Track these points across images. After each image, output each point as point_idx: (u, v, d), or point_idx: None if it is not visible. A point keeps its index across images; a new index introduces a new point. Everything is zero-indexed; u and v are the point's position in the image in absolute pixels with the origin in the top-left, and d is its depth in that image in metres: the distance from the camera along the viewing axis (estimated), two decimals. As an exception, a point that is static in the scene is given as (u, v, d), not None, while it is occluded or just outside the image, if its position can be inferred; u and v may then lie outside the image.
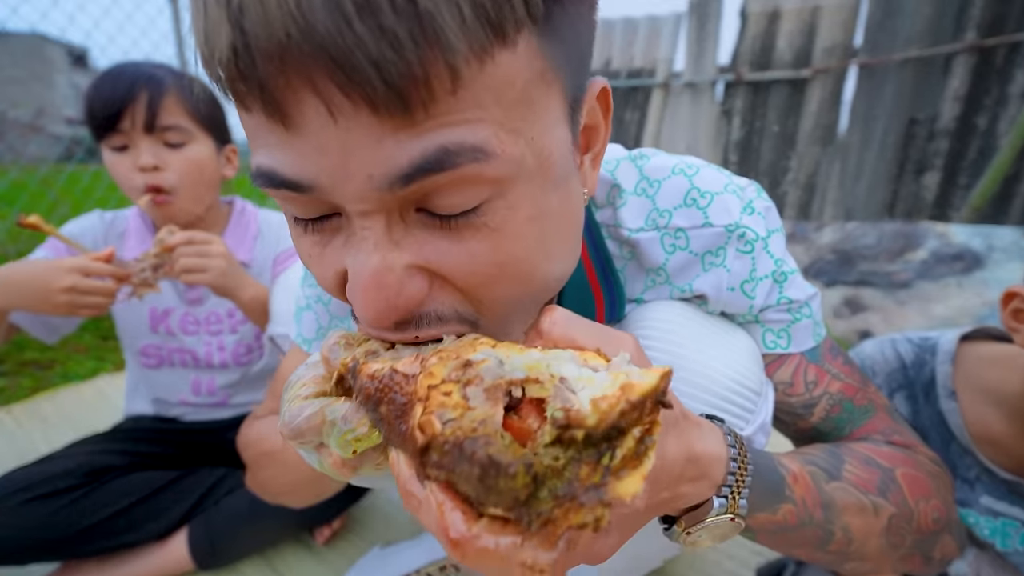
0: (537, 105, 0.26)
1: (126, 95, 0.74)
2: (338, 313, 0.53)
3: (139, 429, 0.94)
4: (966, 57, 2.35)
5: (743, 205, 0.42)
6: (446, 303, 0.28)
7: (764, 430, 0.42)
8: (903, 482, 0.40)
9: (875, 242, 2.07)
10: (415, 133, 0.23)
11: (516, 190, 0.26)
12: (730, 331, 0.45)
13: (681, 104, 3.38)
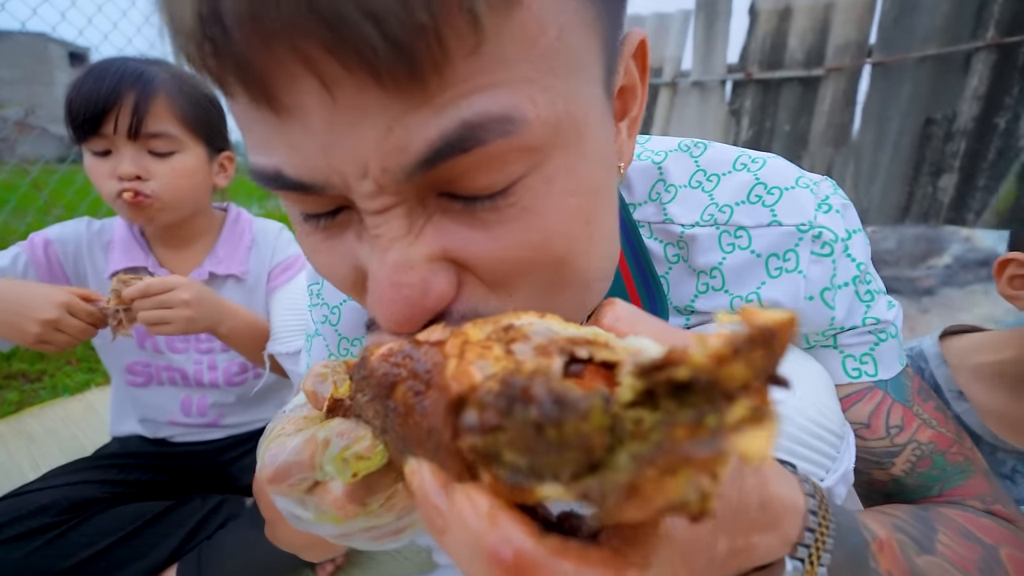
0: (573, 57, 0.21)
1: (110, 96, 0.67)
2: (348, 333, 0.48)
3: (125, 454, 0.88)
4: (986, 55, 2.28)
5: (818, 201, 0.36)
6: (469, 304, 0.24)
7: (846, 480, 0.35)
8: (1009, 565, 0.34)
9: (896, 247, 2.00)
10: (431, 109, 0.18)
11: (553, 161, 0.22)
12: (804, 360, 0.38)
13: (689, 104, 3.32)
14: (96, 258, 0.84)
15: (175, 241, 0.84)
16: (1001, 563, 0.34)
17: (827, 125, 2.84)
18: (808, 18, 2.81)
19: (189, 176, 0.76)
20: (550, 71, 0.20)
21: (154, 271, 0.83)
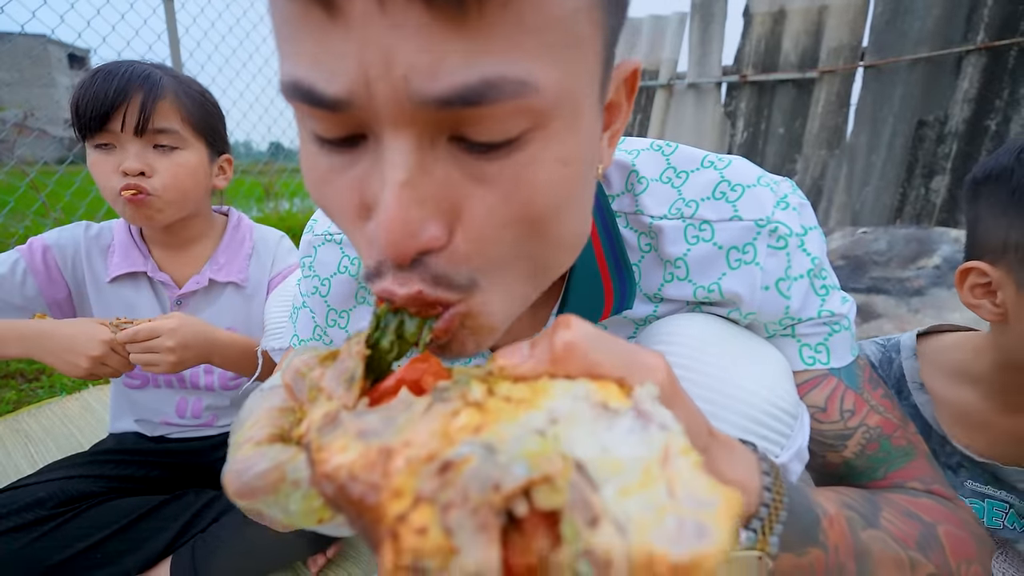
0: (580, 46, 0.24)
1: (119, 95, 0.70)
2: (337, 305, 0.50)
3: (120, 450, 0.89)
4: (976, 58, 2.30)
5: (776, 199, 0.39)
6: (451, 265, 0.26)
7: (800, 457, 0.38)
8: (946, 541, 0.36)
9: (886, 248, 2.01)
10: (461, 43, 0.21)
11: (551, 127, 0.25)
12: (761, 346, 0.40)
13: (685, 105, 3.34)
14: (95, 263, 0.84)
15: (174, 243, 0.85)
16: (938, 539, 0.36)
17: (821, 127, 2.86)
18: (802, 21, 2.84)
19: (191, 173, 0.77)
20: (560, 49, 0.23)
21: (153, 276, 0.84)
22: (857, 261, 2.05)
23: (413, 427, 0.19)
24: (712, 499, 0.16)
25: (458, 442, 0.18)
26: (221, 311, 0.88)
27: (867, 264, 2.01)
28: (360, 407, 0.21)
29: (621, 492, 0.16)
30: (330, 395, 0.23)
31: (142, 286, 0.86)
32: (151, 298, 0.86)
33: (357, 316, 0.51)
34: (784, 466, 0.36)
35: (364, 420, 0.20)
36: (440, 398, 0.20)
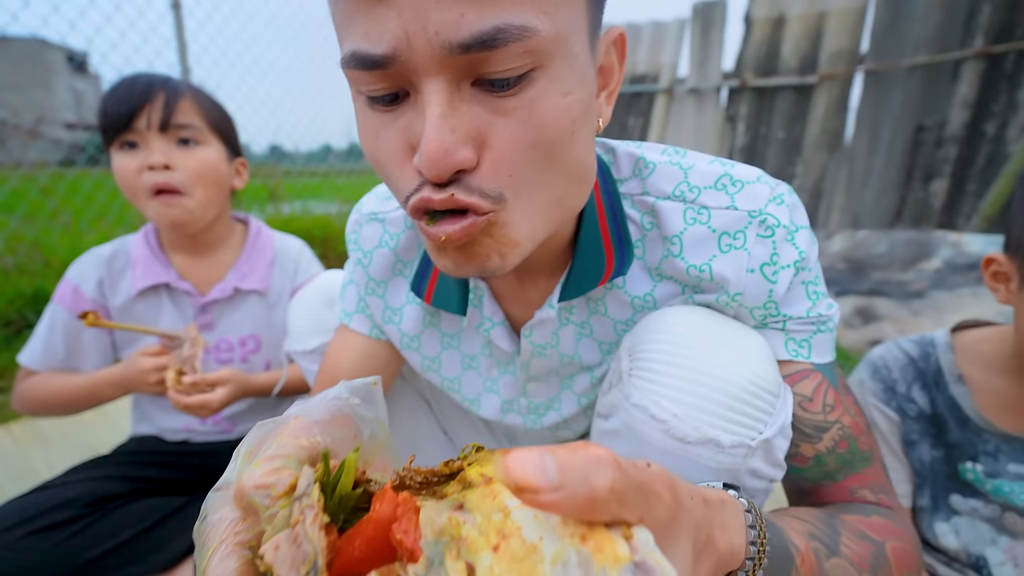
0: (570, 7, 0.31)
1: (143, 96, 0.74)
2: (376, 275, 0.57)
3: (142, 452, 0.91)
4: (975, 63, 2.33)
5: (771, 196, 0.43)
6: (481, 180, 0.32)
7: (784, 433, 0.41)
8: (892, 557, 0.40)
9: (887, 250, 2.04)
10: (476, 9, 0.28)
11: (553, 66, 0.32)
12: (746, 333, 0.43)
13: (685, 110, 3.37)
14: (116, 283, 0.86)
15: (196, 247, 0.87)
16: (887, 556, 0.40)
17: (821, 131, 2.89)
18: (801, 26, 2.87)
19: (212, 168, 0.80)
20: (550, 5, 0.30)
21: (175, 285, 0.86)
22: (858, 264, 2.08)
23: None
24: None
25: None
26: (244, 319, 0.90)
27: (868, 267, 2.04)
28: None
29: None
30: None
31: (162, 298, 0.88)
32: (172, 309, 0.88)
33: (393, 287, 0.57)
34: (769, 442, 0.39)
35: None
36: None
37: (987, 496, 0.61)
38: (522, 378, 0.56)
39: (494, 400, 0.59)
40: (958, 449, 0.63)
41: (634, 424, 0.40)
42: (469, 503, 0.21)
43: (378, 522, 0.22)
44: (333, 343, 0.62)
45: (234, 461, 0.28)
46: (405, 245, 0.55)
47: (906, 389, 0.66)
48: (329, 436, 0.28)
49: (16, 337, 1.69)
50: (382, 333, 0.61)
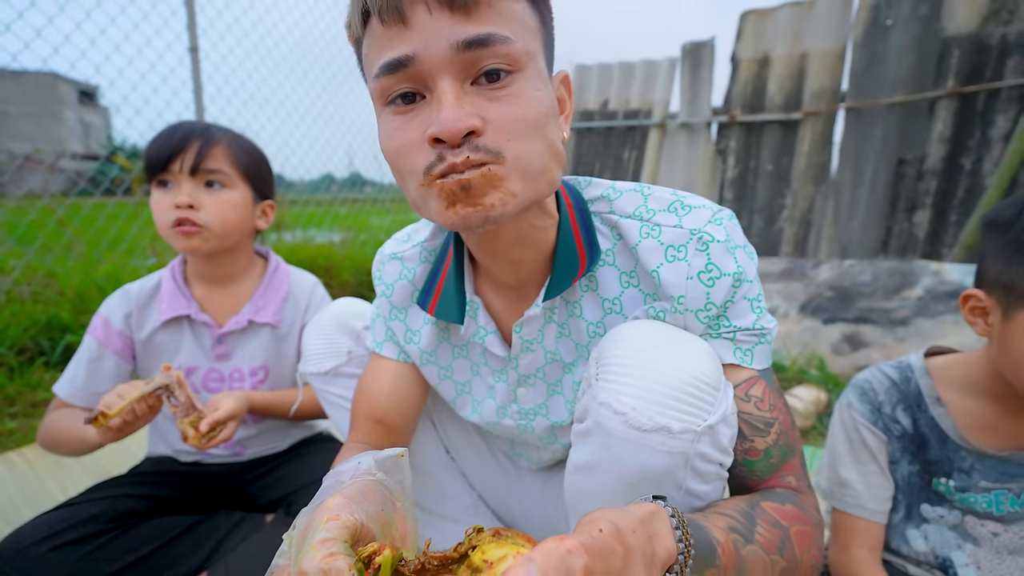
0: (531, 34, 0.45)
1: (181, 142, 0.84)
2: (398, 304, 0.68)
3: (157, 472, 0.96)
4: (948, 102, 2.46)
5: (711, 218, 0.52)
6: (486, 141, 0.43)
7: (727, 422, 0.48)
8: (795, 539, 0.48)
9: (872, 279, 2.12)
10: (471, 19, 0.41)
11: (528, 71, 0.44)
12: (691, 340, 0.51)
13: (678, 143, 3.49)
14: (143, 315, 0.94)
15: (217, 278, 0.94)
16: (791, 539, 0.47)
17: (807, 164, 3.00)
18: (785, 66, 3.02)
19: (234, 208, 0.88)
20: (520, 28, 0.44)
21: (196, 317, 0.92)
22: (845, 292, 2.15)
23: None
24: None
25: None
26: (256, 349, 0.96)
27: (854, 295, 2.11)
28: None
29: None
30: None
31: (184, 329, 0.94)
32: (191, 340, 0.94)
33: (412, 312, 0.67)
34: (713, 428, 0.46)
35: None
36: None
37: (953, 503, 0.67)
38: (512, 380, 0.64)
39: (491, 404, 0.67)
40: (935, 465, 0.68)
41: (601, 420, 0.47)
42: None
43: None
44: (367, 370, 0.71)
45: (287, 546, 0.34)
46: (419, 276, 0.65)
47: (891, 410, 0.70)
48: (363, 511, 0.34)
49: (29, 365, 1.74)
50: (407, 356, 0.69)
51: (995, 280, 0.60)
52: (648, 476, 0.47)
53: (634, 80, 3.68)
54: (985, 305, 0.62)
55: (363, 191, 5.02)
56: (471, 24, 0.41)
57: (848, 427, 0.72)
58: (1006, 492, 0.64)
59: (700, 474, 0.48)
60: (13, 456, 1.32)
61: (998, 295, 0.60)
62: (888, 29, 2.61)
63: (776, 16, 2.99)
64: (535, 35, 0.46)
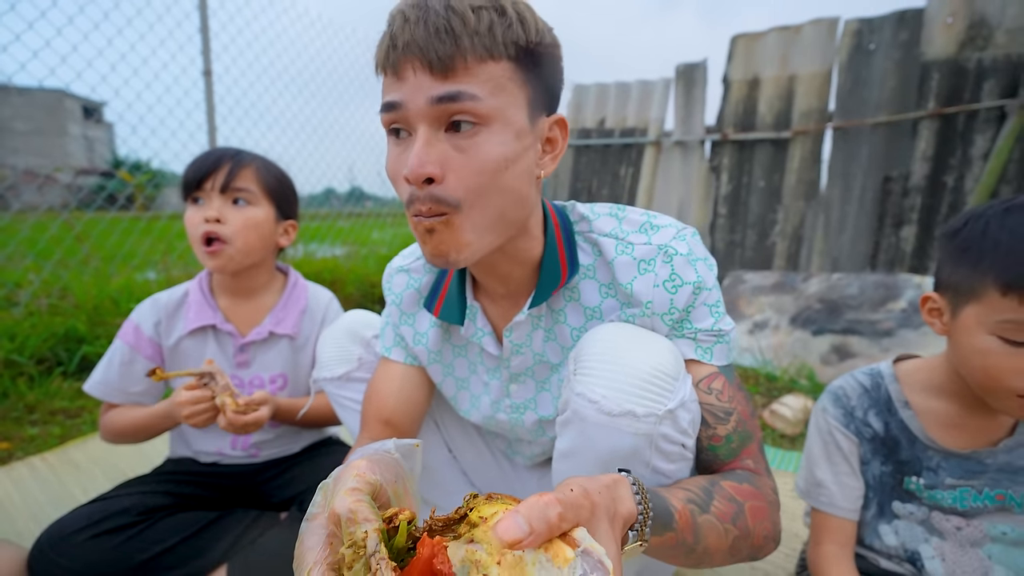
0: (506, 94, 0.52)
1: (214, 165, 0.92)
2: (406, 309, 0.76)
3: (179, 472, 1.02)
4: (930, 122, 2.57)
5: (675, 235, 0.61)
6: (445, 189, 0.51)
7: (686, 407, 0.55)
8: (749, 513, 0.54)
9: (858, 292, 2.19)
10: (445, 80, 0.49)
11: (494, 126, 0.51)
12: (654, 338, 0.59)
13: (672, 161, 3.60)
14: (171, 323, 1.01)
15: (241, 291, 1.01)
16: (744, 513, 0.53)
17: (798, 181, 3.10)
18: (774, 87, 3.13)
19: (257, 225, 0.95)
20: (495, 92, 0.50)
21: (221, 327, 0.99)
22: (833, 305, 2.22)
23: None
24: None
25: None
26: (274, 359, 1.02)
27: (842, 307, 2.18)
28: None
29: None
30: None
31: (208, 337, 1.00)
32: (216, 348, 1.01)
33: (419, 316, 0.76)
34: (672, 412, 0.53)
35: None
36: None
37: (921, 500, 0.71)
38: (504, 377, 0.72)
39: (487, 399, 0.75)
40: (907, 465, 0.72)
41: (578, 409, 0.55)
42: (476, 537, 0.34)
43: (424, 560, 0.34)
44: (377, 373, 0.78)
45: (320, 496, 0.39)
46: (425, 285, 0.74)
47: (863, 415, 0.74)
48: (382, 476, 0.40)
49: (48, 375, 1.81)
50: (415, 360, 0.77)
51: (946, 283, 0.66)
52: (619, 456, 0.54)
53: (630, 100, 3.80)
54: (940, 306, 0.67)
55: (363, 205, 5.11)
56: (446, 83, 0.49)
57: (823, 430, 0.76)
58: (969, 489, 0.69)
59: (664, 454, 0.55)
60: (35, 461, 1.38)
61: (948, 296, 0.65)
62: (871, 53, 2.73)
63: (765, 40, 3.11)
64: (513, 92, 0.52)
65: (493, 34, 0.50)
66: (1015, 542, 0.68)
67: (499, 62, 0.51)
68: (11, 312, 1.92)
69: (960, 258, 0.63)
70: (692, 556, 0.51)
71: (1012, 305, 0.57)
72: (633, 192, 3.73)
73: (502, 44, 0.50)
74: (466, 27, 0.49)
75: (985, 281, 0.59)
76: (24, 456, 1.41)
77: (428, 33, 0.49)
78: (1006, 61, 2.35)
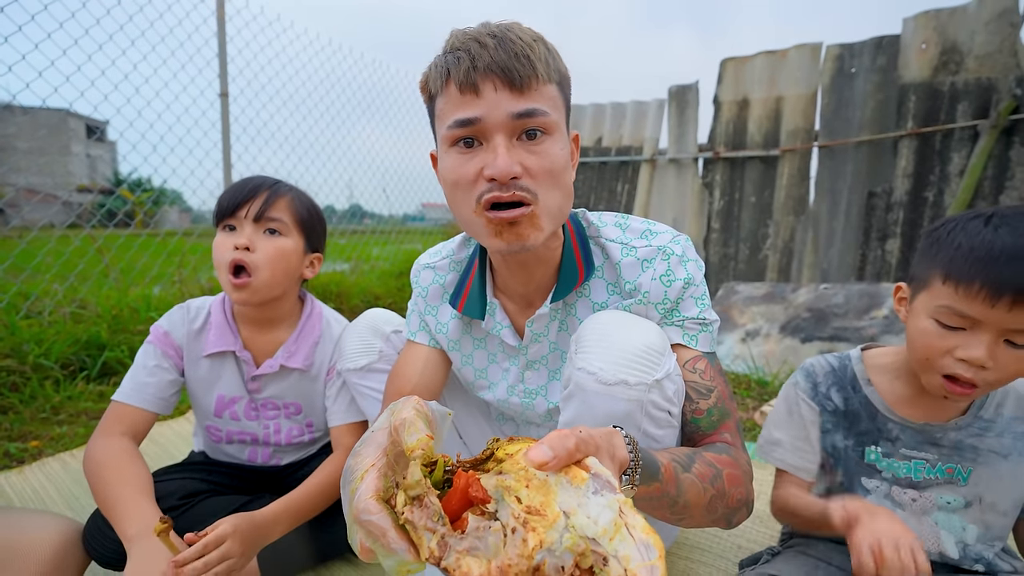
0: (559, 110, 0.63)
1: (251, 192, 0.94)
2: (431, 302, 0.86)
3: (207, 463, 1.09)
4: (909, 141, 2.71)
5: (672, 239, 0.72)
6: (524, 184, 0.61)
7: (671, 379, 0.64)
8: (726, 478, 0.62)
9: (844, 301, 2.30)
10: (524, 97, 0.59)
11: (555, 134, 0.62)
12: (644, 321, 0.68)
13: (667, 177, 3.73)
14: (193, 340, 1.02)
15: (261, 321, 1.02)
16: (721, 477, 0.61)
17: (787, 197, 3.22)
18: (763, 108, 3.28)
19: (286, 256, 0.95)
20: (553, 107, 0.62)
21: (240, 354, 1.00)
22: (820, 313, 2.33)
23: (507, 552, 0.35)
24: (647, 539, 0.34)
25: (535, 557, 0.35)
26: (286, 390, 1.03)
27: (829, 316, 2.29)
28: (453, 534, 0.37)
29: (610, 540, 0.34)
30: (431, 528, 0.37)
31: (228, 362, 1.02)
32: (235, 372, 1.02)
33: (442, 309, 0.85)
34: (659, 382, 0.62)
35: (465, 543, 0.36)
36: (506, 524, 0.36)
37: (882, 473, 0.80)
38: (521, 364, 0.81)
39: (504, 384, 0.84)
40: (866, 436, 0.80)
41: (578, 380, 0.63)
42: (504, 469, 0.40)
43: (462, 490, 0.40)
44: (401, 356, 0.88)
45: (385, 415, 0.46)
46: (449, 282, 0.85)
47: (826, 390, 0.83)
48: (427, 414, 0.47)
49: (72, 379, 1.89)
50: (437, 343, 0.87)
51: (912, 274, 0.75)
52: (615, 419, 0.62)
53: (626, 119, 3.95)
54: (906, 295, 0.76)
55: (362, 223, 5.21)
56: (523, 100, 0.59)
57: (790, 398, 0.86)
58: (923, 462, 0.78)
59: (653, 419, 0.63)
60: (66, 457, 1.46)
61: (912, 286, 0.75)
62: (852, 76, 2.89)
63: (753, 63, 3.27)
64: (561, 109, 0.64)
65: (547, 62, 0.61)
66: (954, 510, 0.77)
67: (551, 85, 0.62)
68: (38, 319, 2.01)
69: (925, 253, 0.72)
70: (675, 509, 0.57)
71: (949, 292, 0.66)
72: (629, 208, 3.84)
73: (554, 71, 0.62)
74: (534, 54, 0.60)
75: (934, 271, 0.68)
76: (54, 453, 1.49)
77: (509, 56, 0.58)
78: (977, 84, 2.50)
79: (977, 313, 0.64)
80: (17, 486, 1.32)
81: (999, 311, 0.62)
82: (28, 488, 1.31)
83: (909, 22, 2.69)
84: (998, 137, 2.42)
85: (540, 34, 0.64)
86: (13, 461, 1.45)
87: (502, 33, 0.60)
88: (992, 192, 2.48)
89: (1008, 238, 0.63)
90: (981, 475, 0.74)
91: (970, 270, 0.64)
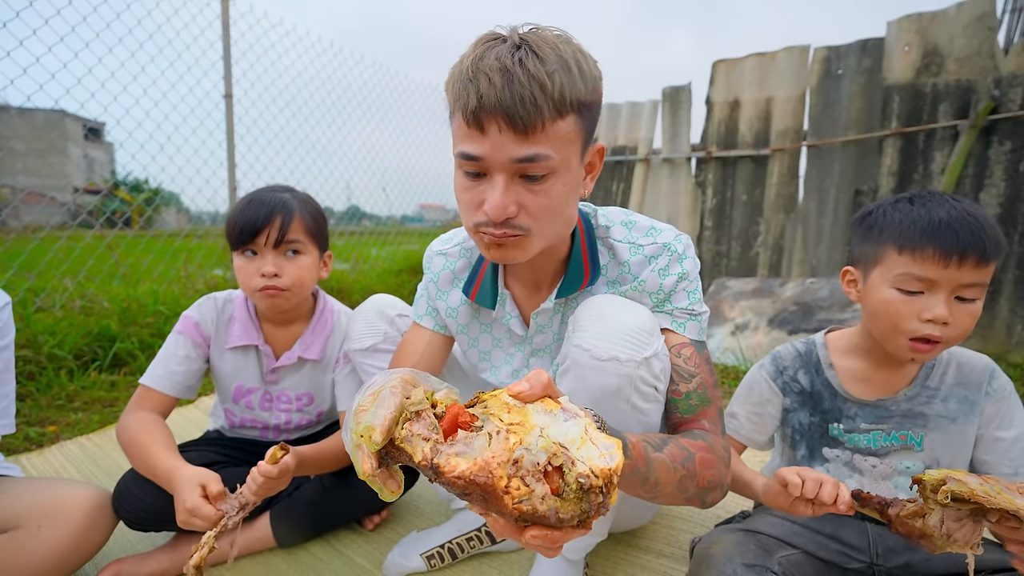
0: (570, 144, 0.63)
1: (265, 219, 0.96)
2: (442, 287, 0.91)
3: (224, 439, 1.17)
4: (894, 140, 2.79)
5: (674, 237, 0.77)
6: (520, 221, 0.63)
7: (658, 357, 0.69)
8: (698, 461, 0.65)
9: (829, 295, 2.38)
10: (527, 142, 0.59)
11: (559, 174, 0.63)
12: (635, 305, 0.72)
13: (660, 177, 3.80)
14: (220, 331, 1.09)
15: (282, 320, 1.10)
16: (694, 459, 0.64)
17: (777, 195, 3.30)
18: (753, 109, 3.36)
19: (309, 271, 1.03)
20: (562, 147, 0.61)
21: (261, 348, 1.08)
22: (806, 306, 2.41)
23: (491, 449, 0.41)
24: (609, 443, 0.42)
25: (515, 452, 0.41)
26: (301, 380, 1.12)
27: (814, 308, 2.37)
28: (444, 443, 0.44)
29: (577, 448, 0.41)
30: (426, 437, 0.44)
31: (250, 355, 1.09)
32: (255, 365, 1.10)
33: (452, 294, 0.90)
34: (648, 360, 0.67)
35: (454, 448, 0.43)
36: (491, 431, 0.43)
37: (844, 444, 0.86)
38: (527, 351, 0.86)
39: (508, 368, 0.89)
40: (829, 414, 0.87)
41: (575, 357, 0.68)
42: (488, 404, 0.47)
43: (452, 416, 0.46)
44: (407, 335, 0.94)
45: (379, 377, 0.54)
46: (460, 268, 0.90)
47: (793, 373, 0.90)
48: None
49: (85, 369, 1.96)
50: (443, 329, 0.93)
51: (858, 257, 0.82)
52: (607, 392, 0.66)
53: (620, 120, 4.02)
54: (855, 277, 0.83)
55: (360, 224, 5.26)
56: (526, 145, 0.58)
57: (754, 378, 0.93)
58: (880, 432, 0.84)
59: (642, 393, 0.68)
60: (83, 440, 1.53)
61: (860, 267, 0.82)
62: (839, 78, 2.97)
63: (743, 65, 3.36)
64: (574, 140, 0.62)
65: (563, 95, 0.58)
66: (914, 474, 0.84)
67: (566, 118, 0.60)
68: (51, 312, 2.08)
69: (867, 235, 0.80)
70: (646, 486, 0.59)
71: (906, 261, 0.73)
72: (624, 207, 3.92)
73: (569, 103, 0.59)
74: (544, 93, 0.56)
75: (886, 247, 0.76)
76: (71, 437, 1.56)
77: (514, 100, 0.56)
78: (957, 86, 2.58)
79: (933, 274, 0.71)
80: (40, 466, 1.39)
81: (951, 271, 0.70)
82: (49, 468, 1.38)
83: (893, 25, 2.78)
84: (977, 136, 2.51)
85: (570, 51, 0.60)
86: (33, 444, 1.52)
87: (516, 67, 0.56)
88: (972, 189, 2.56)
89: (939, 211, 0.72)
90: (935, 439, 0.81)
91: (921, 238, 0.72)
